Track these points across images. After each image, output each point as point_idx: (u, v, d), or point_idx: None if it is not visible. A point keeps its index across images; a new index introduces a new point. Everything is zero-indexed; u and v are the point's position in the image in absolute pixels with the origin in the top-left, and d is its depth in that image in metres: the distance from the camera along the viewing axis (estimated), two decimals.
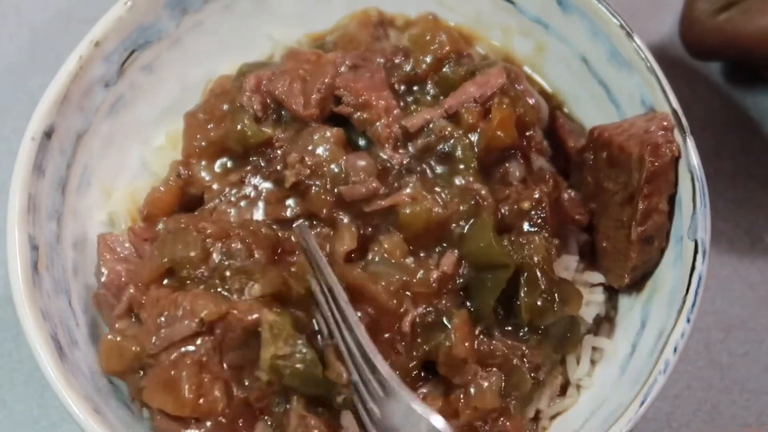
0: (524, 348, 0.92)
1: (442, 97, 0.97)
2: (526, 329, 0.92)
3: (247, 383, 0.86)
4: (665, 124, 0.93)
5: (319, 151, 0.92)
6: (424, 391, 0.91)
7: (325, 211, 0.92)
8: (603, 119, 1.03)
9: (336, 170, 0.91)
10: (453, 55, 1.00)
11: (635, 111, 0.99)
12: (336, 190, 0.91)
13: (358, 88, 0.95)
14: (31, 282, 0.90)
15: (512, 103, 0.95)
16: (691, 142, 0.92)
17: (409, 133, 0.94)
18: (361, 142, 0.96)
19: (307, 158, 0.92)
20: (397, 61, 1.00)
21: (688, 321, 0.87)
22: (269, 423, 0.88)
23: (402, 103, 0.98)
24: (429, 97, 0.98)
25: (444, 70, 0.99)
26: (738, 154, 1.23)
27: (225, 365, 0.86)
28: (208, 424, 0.85)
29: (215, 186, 0.98)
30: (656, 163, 0.91)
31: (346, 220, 0.92)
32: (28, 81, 1.26)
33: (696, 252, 0.89)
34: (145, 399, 0.85)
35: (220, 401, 0.84)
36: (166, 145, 1.09)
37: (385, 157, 0.93)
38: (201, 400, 0.84)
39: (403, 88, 0.99)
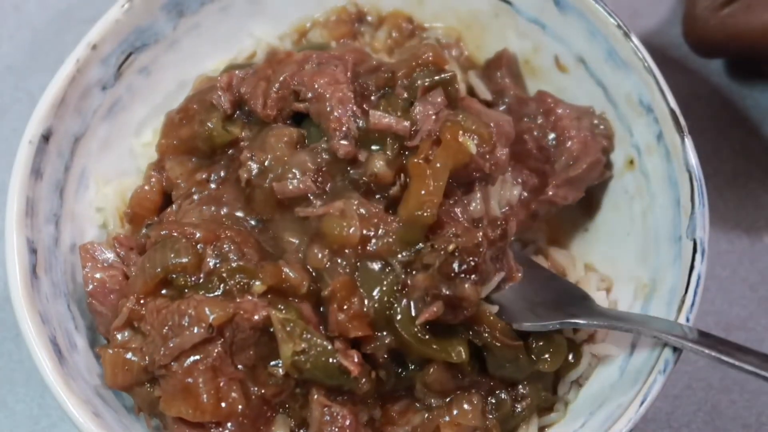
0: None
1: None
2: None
3: (262, 380, 0.86)
4: (606, 145, 1.00)
5: (269, 149, 0.91)
6: (405, 403, 0.91)
7: (266, 212, 0.90)
8: None
9: (280, 170, 0.89)
10: (431, 66, 0.93)
11: (633, 111, 0.99)
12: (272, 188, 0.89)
13: (314, 82, 0.92)
14: (30, 285, 0.90)
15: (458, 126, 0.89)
16: (689, 142, 0.92)
17: (367, 130, 0.90)
18: (322, 143, 0.92)
19: (256, 157, 0.91)
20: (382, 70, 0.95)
21: (688, 321, 0.87)
22: (286, 414, 0.88)
23: (371, 103, 0.93)
24: (397, 100, 0.92)
25: (414, 76, 0.92)
26: (738, 154, 1.23)
27: (238, 366, 0.86)
28: (229, 425, 0.84)
29: (183, 184, 0.98)
30: (583, 168, 0.99)
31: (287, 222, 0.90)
32: (28, 81, 1.27)
33: (695, 252, 0.89)
34: (162, 409, 0.85)
35: (239, 402, 0.84)
36: (152, 142, 1.07)
37: (332, 146, 0.88)
38: (221, 404, 0.84)
39: (377, 90, 0.94)
